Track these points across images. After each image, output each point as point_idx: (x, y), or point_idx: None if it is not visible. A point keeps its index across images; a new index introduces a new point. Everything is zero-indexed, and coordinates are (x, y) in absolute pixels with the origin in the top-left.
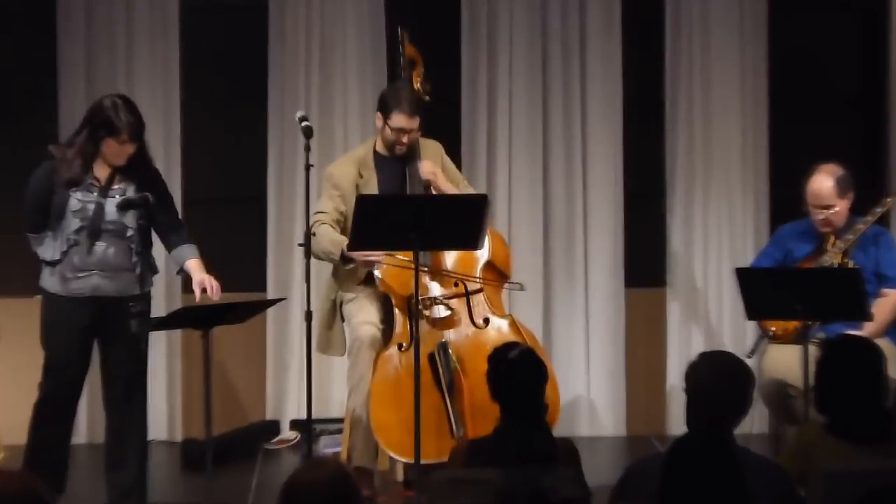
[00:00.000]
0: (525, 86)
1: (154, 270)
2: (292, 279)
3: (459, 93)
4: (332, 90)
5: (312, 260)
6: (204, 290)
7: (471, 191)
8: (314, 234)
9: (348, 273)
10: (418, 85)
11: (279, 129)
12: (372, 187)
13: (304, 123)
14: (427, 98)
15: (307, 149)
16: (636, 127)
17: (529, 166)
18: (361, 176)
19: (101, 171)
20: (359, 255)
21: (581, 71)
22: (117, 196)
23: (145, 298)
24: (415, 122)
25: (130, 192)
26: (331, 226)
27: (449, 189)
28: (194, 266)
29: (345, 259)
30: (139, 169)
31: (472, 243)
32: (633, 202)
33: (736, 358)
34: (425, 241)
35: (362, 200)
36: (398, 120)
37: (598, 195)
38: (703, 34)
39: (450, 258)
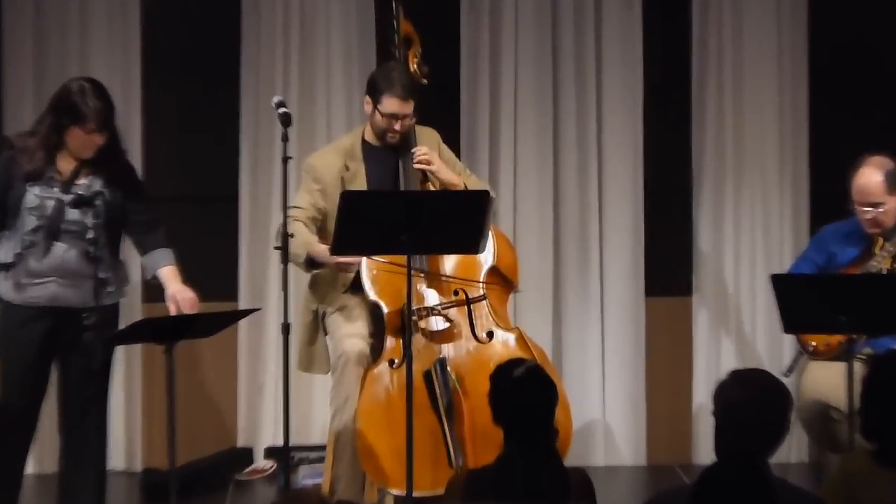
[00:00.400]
0: (533, 69)
1: (123, 280)
2: (268, 287)
3: (459, 76)
4: (314, 72)
5: (291, 265)
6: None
7: (475, 182)
8: (292, 235)
9: (331, 280)
10: (414, 66)
11: (253, 116)
12: (360, 181)
13: (281, 110)
14: (424, 81)
15: (285, 139)
16: (659, 116)
17: (537, 159)
18: (347, 168)
19: (64, 164)
20: (330, 260)
21: (596, 52)
22: (81, 193)
23: (107, 311)
24: (409, 107)
25: (97, 187)
26: (304, 224)
27: (449, 177)
28: (168, 275)
29: (312, 263)
30: (109, 162)
31: (474, 246)
32: (654, 200)
33: (772, 377)
34: (419, 245)
35: (347, 198)
36: (390, 104)
37: (616, 192)
38: (735, 11)
39: (449, 263)
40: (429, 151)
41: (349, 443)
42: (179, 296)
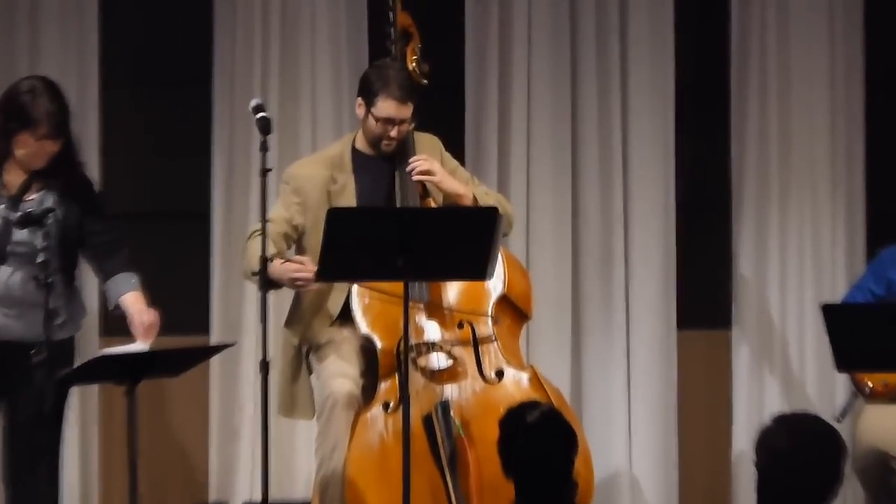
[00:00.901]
0: (548, 67)
1: (78, 310)
2: (244, 318)
3: (464, 75)
4: (298, 71)
5: (272, 293)
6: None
7: (487, 193)
8: (271, 260)
9: (316, 310)
10: (413, 64)
11: (227, 122)
12: (349, 196)
13: (259, 115)
14: (424, 81)
15: (264, 148)
16: (693, 121)
17: (553, 171)
18: (335, 180)
19: (12, 177)
20: (282, 274)
21: (621, 49)
22: (31, 210)
23: (60, 346)
24: (407, 111)
25: (49, 203)
26: (272, 240)
27: (454, 188)
28: (132, 302)
29: (265, 281)
30: (63, 174)
31: (481, 272)
32: (688, 218)
33: (822, 422)
34: (418, 270)
35: (334, 215)
36: (385, 107)
37: (644, 209)
38: (780, 2)
39: (452, 291)
40: (429, 159)
41: (337, 498)
42: (137, 318)
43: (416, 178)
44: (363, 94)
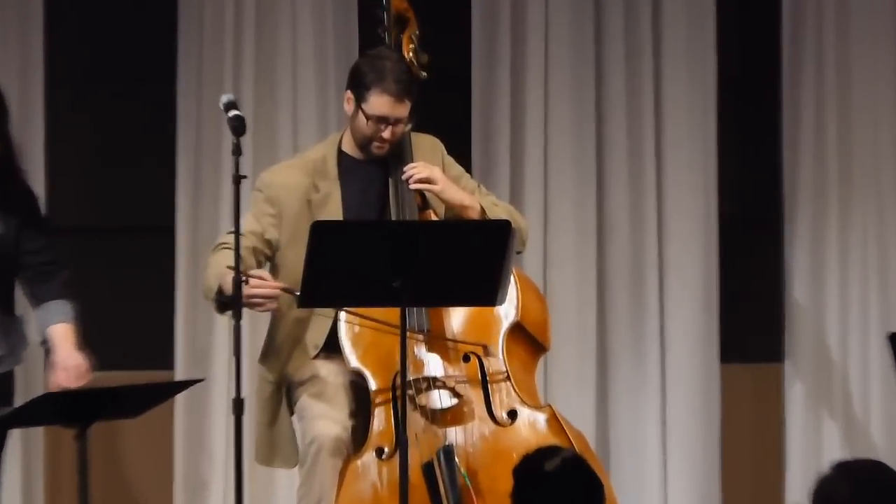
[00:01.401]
0: (569, 56)
1: (19, 341)
2: (214, 350)
3: (469, 67)
4: (276, 63)
5: (247, 321)
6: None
7: (496, 204)
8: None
9: (297, 340)
10: (410, 54)
11: (194, 123)
12: (333, 206)
13: (231, 113)
14: (423, 74)
15: (237, 152)
16: (737, 120)
17: (576, 179)
18: (317, 189)
19: None
20: (248, 290)
21: (654, 35)
22: None
23: None
24: (403, 109)
25: None
26: (232, 250)
27: (459, 198)
28: (60, 335)
29: (221, 303)
30: (2, 183)
31: (490, 296)
32: (733, 235)
33: (888, 470)
34: (417, 294)
35: (319, 230)
36: (379, 103)
37: (681, 223)
38: None
39: (456, 319)
40: (428, 165)
41: None
42: (62, 363)
43: (413, 186)
44: (353, 87)
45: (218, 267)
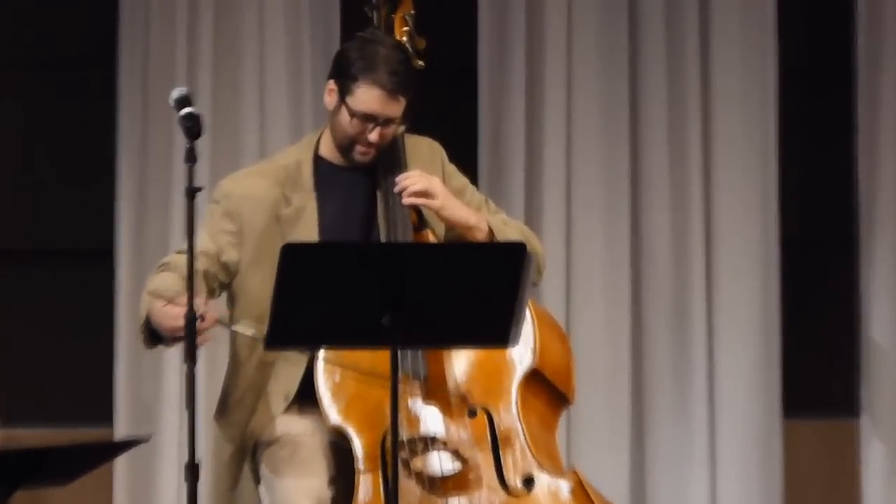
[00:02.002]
0: (597, 40)
1: None
2: (162, 403)
3: (475, 56)
4: (240, 49)
5: (203, 365)
6: None
7: (506, 224)
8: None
9: (262, 388)
10: (403, 38)
11: (139, 123)
12: (307, 223)
13: (185, 111)
14: (419, 63)
15: (191, 158)
16: (802, 122)
17: (605, 191)
18: (288, 201)
19: None
20: (159, 316)
21: (701, 18)
22: None
23: None
24: (396, 107)
25: None
26: (178, 273)
27: (461, 216)
28: None
29: (151, 335)
30: None
31: (501, 336)
32: (797, 260)
33: None
34: (411, 333)
35: (289, 254)
36: (367, 98)
37: (734, 246)
38: None
39: (460, 363)
40: (425, 176)
41: None
42: None
43: (407, 201)
44: (337, 76)
45: (151, 291)
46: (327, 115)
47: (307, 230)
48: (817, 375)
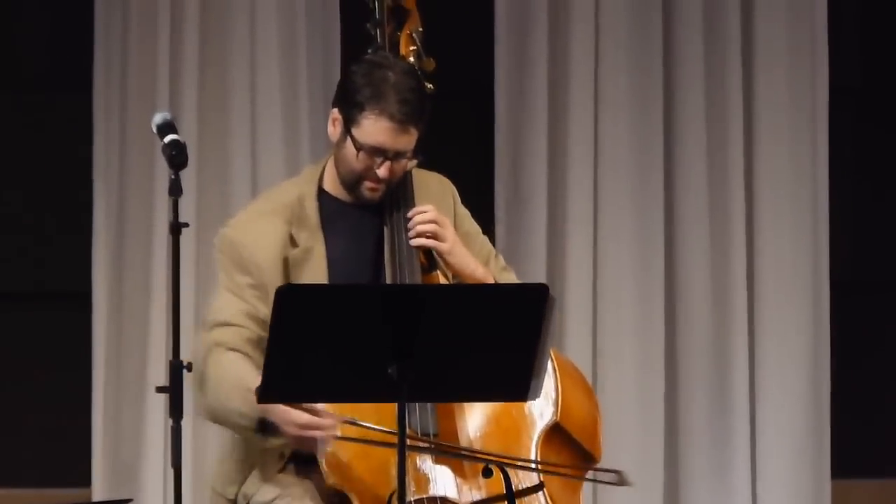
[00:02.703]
0: (627, 57)
1: None
2: (143, 462)
3: (493, 78)
4: (229, 70)
5: (189, 420)
6: None
7: (511, 280)
8: (203, 375)
9: (256, 448)
10: (411, 59)
11: (116, 150)
12: (316, 266)
13: (168, 139)
14: (428, 86)
15: (176, 191)
16: (856, 147)
17: (636, 225)
18: (295, 242)
19: None
20: (289, 421)
21: (744, 34)
22: None
23: None
24: (408, 140)
25: None
26: (241, 352)
27: (466, 266)
28: None
29: (265, 428)
30: None
31: (519, 389)
32: (849, 303)
33: None
34: (420, 385)
35: (285, 296)
36: (376, 130)
37: (780, 286)
38: None
39: (473, 418)
40: (438, 215)
41: None
42: None
43: (415, 242)
44: (342, 104)
45: (232, 377)
46: (331, 146)
47: (316, 273)
48: (870, 431)
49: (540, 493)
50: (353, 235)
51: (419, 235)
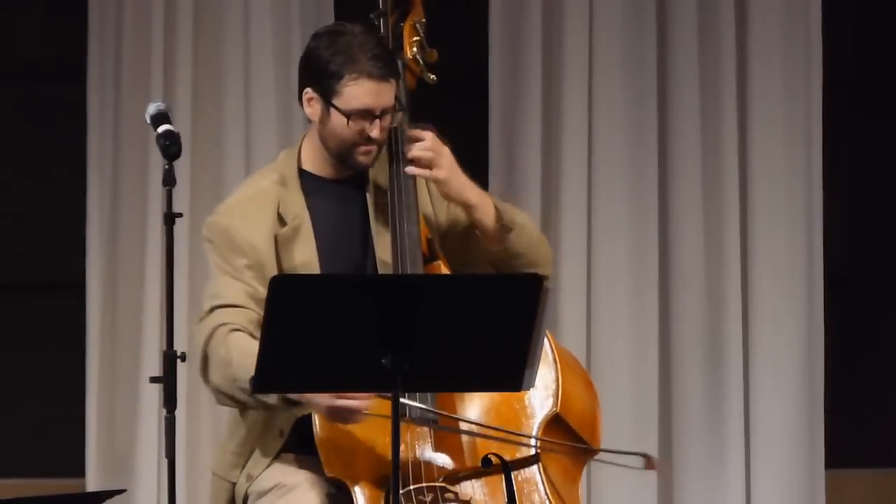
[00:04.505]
0: (621, 50)
1: None
2: (138, 452)
3: (486, 66)
4: (223, 59)
5: (182, 411)
6: None
7: (527, 222)
8: (206, 357)
9: (263, 430)
10: (414, 49)
11: (109, 142)
12: (305, 243)
13: (162, 128)
14: (431, 77)
15: (169, 181)
16: (851, 139)
17: (630, 217)
18: (283, 221)
19: None
20: (318, 399)
21: (738, 26)
22: None
23: None
24: (390, 92)
25: None
26: (245, 331)
27: (466, 194)
28: None
29: (289, 401)
30: None
31: (511, 378)
32: (843, 298)
33: None
34: (417, 375)
35: (279, 286)
36: (359, 92)
37: (774, 281)
38: None
39: (473, 408)
40: (435, 144)
41: None
42: None
43: (410, 171)
44: (314, 81)
45: (241, 351)
46: (309, 127)
47: (305, 249)
48: (864, 422)
49: (538, 476)
50: (337, 209)
51: (415, 162)
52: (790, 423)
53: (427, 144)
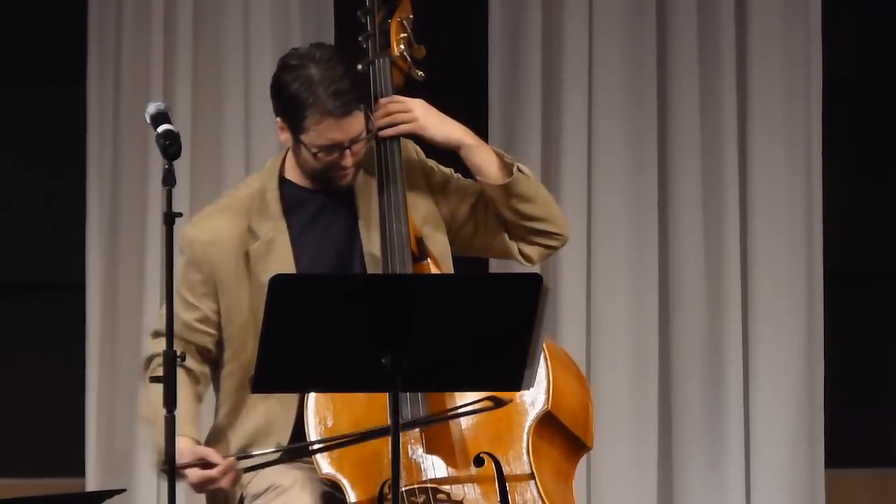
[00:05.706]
0: (621, 52)
1: None
2: (137, 452)
3: (486, 66)
4: (223, 59)
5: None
6: None
7: (532, 177)
8: (145, 377)
9: (264, 431)
10: (401, 47)
11: (109, 142)
12: (280, 256)
13: (162, 128)
14: (419, 74)
15: (169, 181)
16: (851, 140)
17: (630, 218)
18: (255, 235)
19: None
20: (189, 482)
21: (738, 25)
22: None
23: None
24: (357, 123)
25: None
26: (182, 366)
27: (451, 135)
28: None
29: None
30: None
31: (512, 378)
32: (844, 298)
33: None
34: (413, 375)
35: (278, 286)
36: (322, 129)
37: (774, 280)
38: None
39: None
40: (395, 101)
41: None
42: None
43: (385, 133)
44: (282, 114)
45: (159, 415)
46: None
47: (280, 263)
48: (864, 421)
49: (532, 480)
50: (318, 222)
51: (386, 120)
52: (790, 423)
53: (388, 108)
